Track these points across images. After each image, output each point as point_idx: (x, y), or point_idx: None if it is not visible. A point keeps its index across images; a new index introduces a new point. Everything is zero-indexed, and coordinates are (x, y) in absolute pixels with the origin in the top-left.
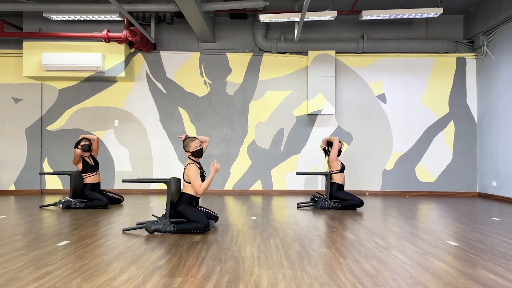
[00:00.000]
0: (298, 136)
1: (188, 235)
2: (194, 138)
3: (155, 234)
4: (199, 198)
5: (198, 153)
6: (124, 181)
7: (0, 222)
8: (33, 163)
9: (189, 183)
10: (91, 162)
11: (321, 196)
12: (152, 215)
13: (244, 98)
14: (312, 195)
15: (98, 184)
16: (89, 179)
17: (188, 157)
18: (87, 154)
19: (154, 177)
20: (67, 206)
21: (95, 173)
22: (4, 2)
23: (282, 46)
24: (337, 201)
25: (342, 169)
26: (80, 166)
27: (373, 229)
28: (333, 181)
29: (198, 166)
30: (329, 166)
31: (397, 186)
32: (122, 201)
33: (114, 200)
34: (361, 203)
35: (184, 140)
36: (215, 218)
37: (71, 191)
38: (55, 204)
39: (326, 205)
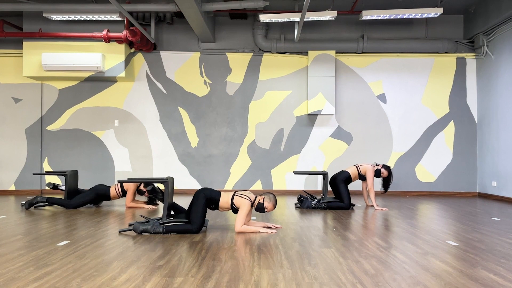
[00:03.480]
0: (298, 136)
1: (188, 235)
2: (270, 202)
3: (156, 235)
4: (217, 205)
5: (260, 208)
6: (119, 181)
7: (0, 222)
8: (33, 163)
9: (234, 207)
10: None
11: (308, 196)
12: (141, 215)
13: (244, 98)
14: (299, 195)
15: (106, 197)
16: (113, 191)
17: (250, 200)
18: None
19: (154, 177)
20: (29, 205)
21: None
22: (4, 2)
23: (282, 46)
24: (324, 202)
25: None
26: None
27: (373, 229)
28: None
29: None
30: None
31: (397, 186)
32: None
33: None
34: (347, 207)
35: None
36: (205, 221)
37: (66, 191)
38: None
39: (313, 204)
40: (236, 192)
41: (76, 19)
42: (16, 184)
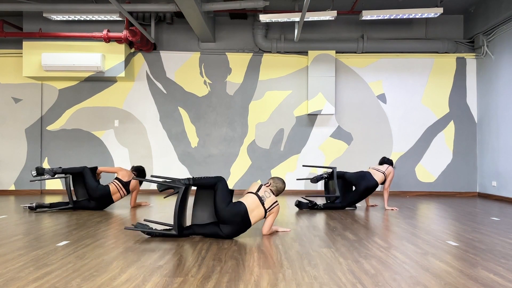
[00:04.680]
0: (298, 136)
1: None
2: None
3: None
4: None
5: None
6: (152, 176)
7: (0, 222)
8: (33, 163)
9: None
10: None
11: (308, 201)
12: (144, 220)
13: (244, 98)
14: (297, 201)
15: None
16: (117, 194)
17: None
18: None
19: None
20: (38, 206)
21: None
22: (4, 2)
23: (282, 46)
24: (322, 203)
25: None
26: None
27: (373, 229)
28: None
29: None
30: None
31: (397, 186)
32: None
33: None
34: (342, 208)
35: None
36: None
37: (70, 195)
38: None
39: (309, 205)
40: (265, 205)
41: (76, 19)
42: (16, 184)
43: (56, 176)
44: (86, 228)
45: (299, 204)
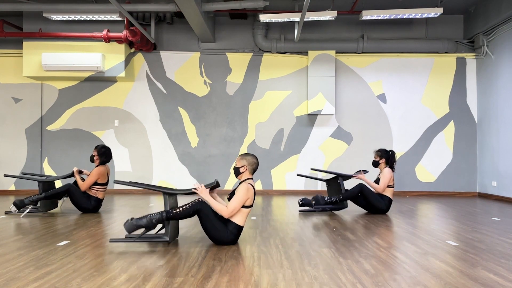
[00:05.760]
0: (298, 136)
1: (188, 235)
2: (245, 157)
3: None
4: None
5: (234, 171)
6: (116, 182)
7: (0, 222)
8: (33, 163)
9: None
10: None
11: (311, 204)
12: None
13: (244, 98)
14: (301, 200)
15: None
16: (101, 194)
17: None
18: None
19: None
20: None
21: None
22: (4, 2)
23: (282, 46)
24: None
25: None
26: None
27: (373, 229)
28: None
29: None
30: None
31: (397, 186)
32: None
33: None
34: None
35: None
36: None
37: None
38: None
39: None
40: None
41: (76, 19)
42: (16, 184)
43: (39, 203)
44: (86, 228)
45: (303, 203)
